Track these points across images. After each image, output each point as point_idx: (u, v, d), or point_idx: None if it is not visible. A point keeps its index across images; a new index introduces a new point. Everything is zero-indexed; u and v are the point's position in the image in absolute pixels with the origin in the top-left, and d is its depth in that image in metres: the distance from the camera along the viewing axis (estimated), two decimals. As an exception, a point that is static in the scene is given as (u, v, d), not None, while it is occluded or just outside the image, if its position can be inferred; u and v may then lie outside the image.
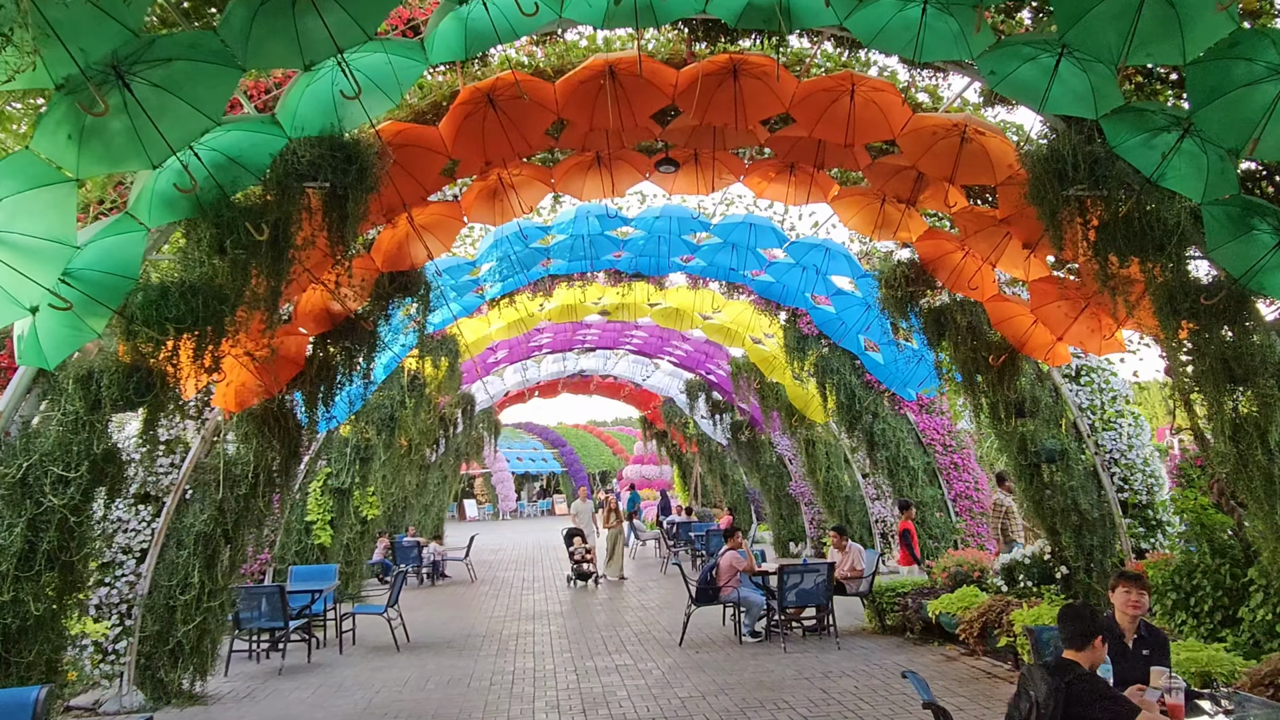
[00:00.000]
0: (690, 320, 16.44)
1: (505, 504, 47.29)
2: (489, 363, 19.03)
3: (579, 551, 16.55)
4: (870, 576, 10.51)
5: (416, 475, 19.93)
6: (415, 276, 9.08)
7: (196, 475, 8.48)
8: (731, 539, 10.57)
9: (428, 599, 15.42)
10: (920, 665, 8.63)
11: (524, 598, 15.06)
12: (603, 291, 14.55)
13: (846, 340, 12.96)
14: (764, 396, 17.15)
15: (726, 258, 11.75)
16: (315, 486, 12.50)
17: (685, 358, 19.98)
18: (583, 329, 18.48)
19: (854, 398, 13.39)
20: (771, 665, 8.87)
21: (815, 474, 16.94)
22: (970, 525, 13.32)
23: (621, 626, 11.65)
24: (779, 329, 14.65)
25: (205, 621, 8.16)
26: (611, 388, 27.62)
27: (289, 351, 8.32)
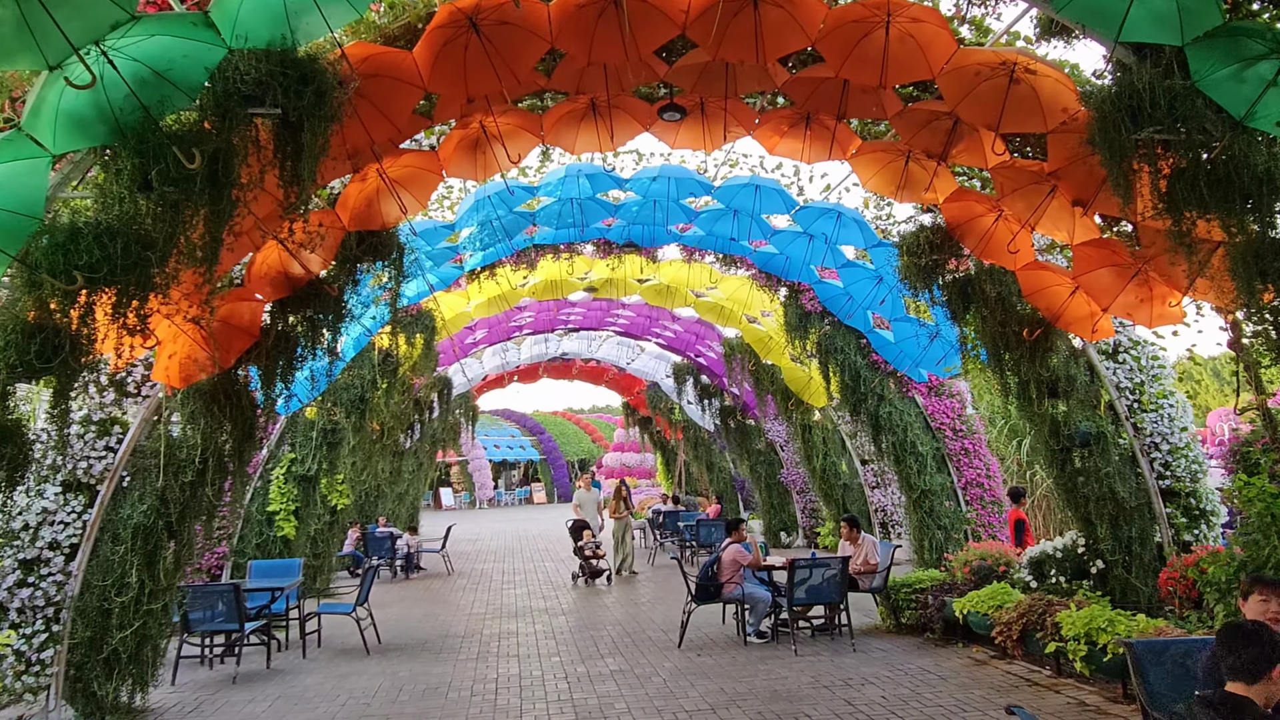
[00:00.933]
0: (682, 298, 15.52)
1: (482, 492, 46.28)
2: (467, 344, 18.01)
3: (589, 546, 14.93)
4: (885, 571, 9.68)
5: (389, 462, 18.88)
6: (387, 238, 8.08)
7: (135, 460, 7.46)
8: (735, 532, 9.69)
9: (401, 594, 14.44)
10: (948, 670, 7.80)
11: (505, 592, 14.12)
12: (590, 265, 13.59)
13: (854, 317, 12.10)
14: (758, 379, 16.30)
15: (727, 226, 10.83)
16: (278, 474, 11.48)
17: (674, 339, 19.08)
18: (566, 308, 17.51)
19: (859, 379, 12.55)
20: (784, 671, 8.01)
21: (812, 461, 16.13)
22: (982, 515, 12.54)
23: (613, 625, 10.75)
24: (778, 306, 13.78)
25: (146, 626, 7.17)
26: (594, 372, 26.67)
27: (241, 320, 7.31)
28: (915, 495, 12.51)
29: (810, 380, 15.53)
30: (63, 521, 7.12)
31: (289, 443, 11.83)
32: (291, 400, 8.50)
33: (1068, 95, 6.36)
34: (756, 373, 16.18)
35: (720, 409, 20.88)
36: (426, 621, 11.53)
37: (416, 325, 12.06)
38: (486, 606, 12.63)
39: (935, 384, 13.00)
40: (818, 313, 12.70)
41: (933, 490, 12.47)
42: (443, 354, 17.69)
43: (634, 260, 13.29)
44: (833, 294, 12.13)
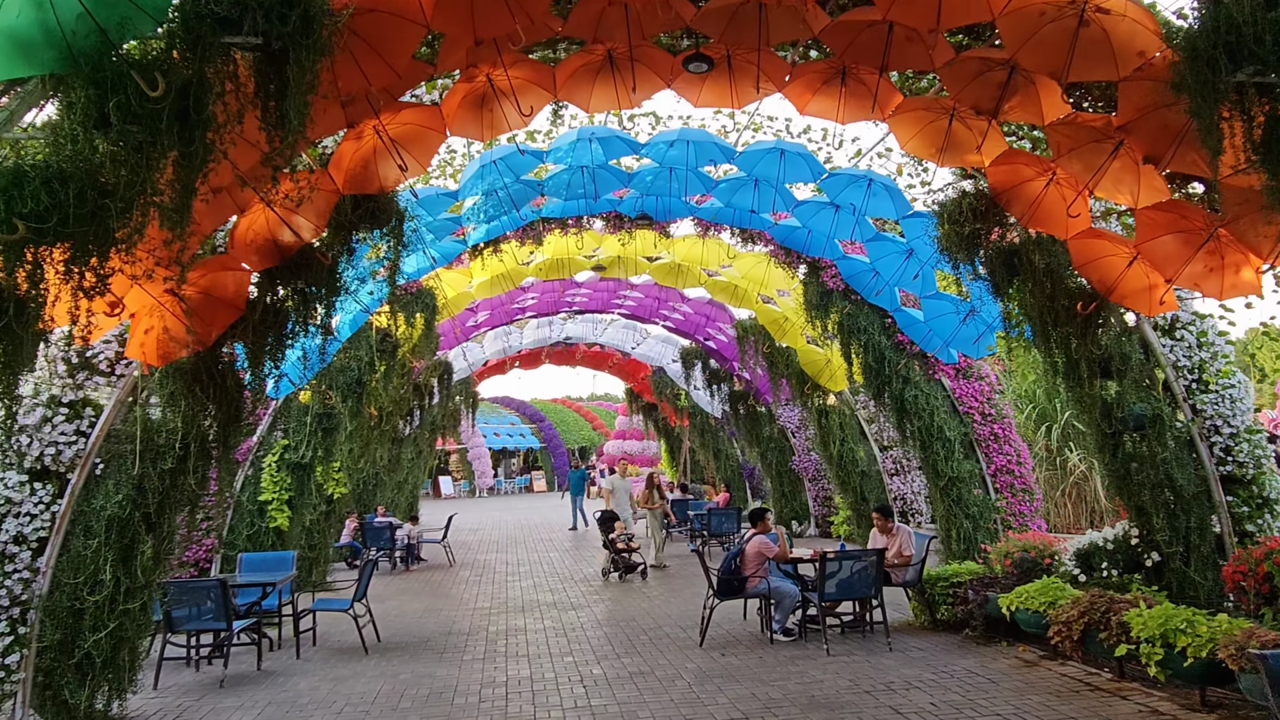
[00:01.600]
0: (694, 277, 14.84)
1: (482, 480, 45.70)
2: (468, 326, 17.34)
3: (622, 538, 13.91)
4: (920, 564, 9.05)
5: (388, 449, 18.25)
6: (386, 203, 7.41)
7: (110, 446, 6.80)
8: (760, 522, 9.05)
9: (402, 587, 13.82)
10: (996, 672, 7.18)
11: (510, 585, 13.50)
12: (599, 241, 12.91)
13: (880, 295, 11.43)
14: (772, 362, 15.65)
15: (748, 196, 10.15)
16: (270, 461, 10.83)
17: (683, 322, 18.41)
18: (572, 289, 16.82)
19: (883, 361, 11.89)
20: (817, 673, 7.38)
21: (828, 447, 15.49)
22: (1012, 503, 11.91)
23: (627, 621, 10.13)
24: (797, 285, 13.11)
25: (122, 627, 6.52)
26: (598, 357, 26.01)
27: (225, 292, 6.65)
28: (942, 483, 11.86)
29: (828, 363, 14.89)
30: (29, 513, 6.46)
31: (282, 428, 11.18)
32: (282, 381, 7.86)
33: (1145, 37, 5.69)
34: (770, 356, 15.53)
35: (730, 394, 20.23)
36: (428, 617, 10.91)
37: (417, 304, 11.39)
38: (491, 600, 12.01)
39: (963, 366, 12.35)
40: (840, 291, 12.04)
41: (960, 477, 11.82)
42: (443, 337, 17.02)
43: (645, 236, 12.60)
44: (857, 270, 11.46)
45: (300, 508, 11.07)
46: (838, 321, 12.17)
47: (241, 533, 10.64)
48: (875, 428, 15.65)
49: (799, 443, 19.59)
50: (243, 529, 10.66)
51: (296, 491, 10.92)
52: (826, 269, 12.01)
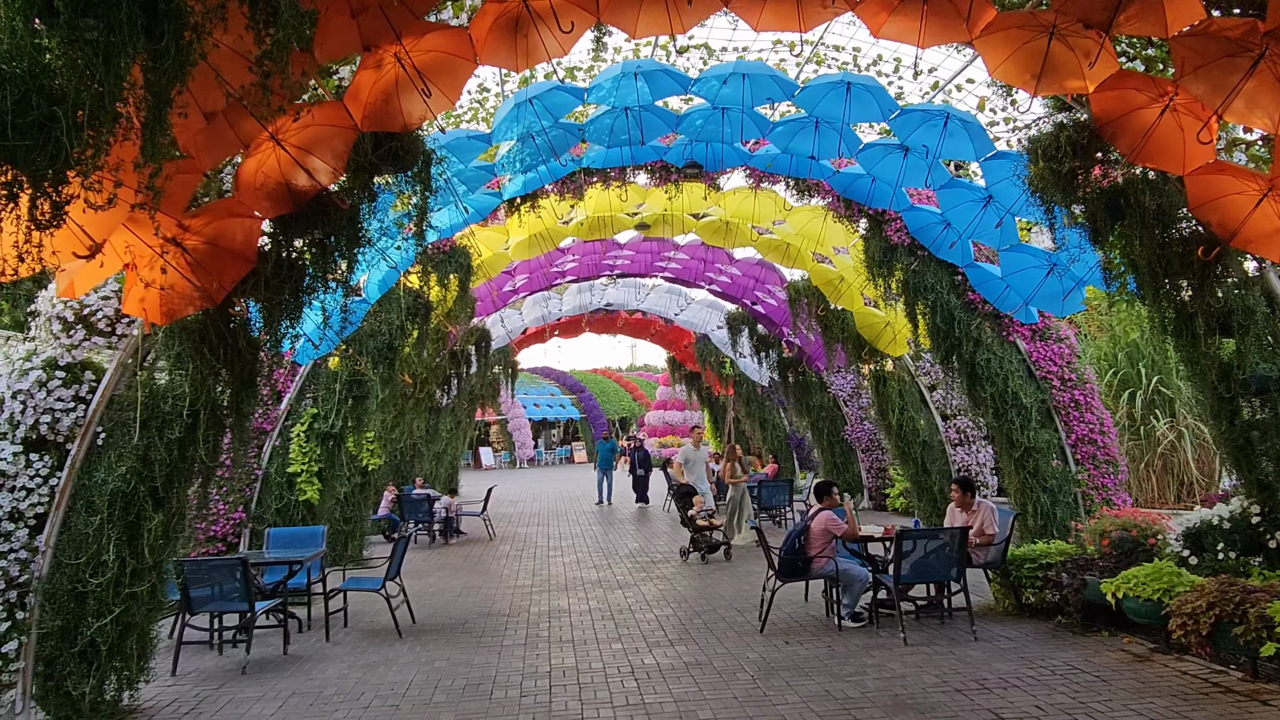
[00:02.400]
0: (743, 236, 13.94)
1: (523, 452, 45.38)
2: (505, 291, 16.64)
3: (703, 515, 12.62)
4: (1004, 543, 8.18)
5: (425, 419, 17.70)
6: (410, 143, 6.65)
7: (112, 413, 6.17)
8: (826, 497, 8.23)
9: (440, 561, 13.26)
10: (1104, 668, 6.33)
11: (552, 561, 12.86)
12: (644, 196, 12.06)
13: (952, 249, 10.45)
14: (826, 326, 14.71)
15: (807, 140, 9.22)
16: (299, 431, 10.24)
17: (729, 285, 17.51)
18: (614, 250, 16.02)
19: (952, 322, 10.92)
20: (897, 666, 6.59)
21: (887, 416, 14.55)
22: (1094, 476, 10.94)
23: (677, 602, 9.41)
24: (857, 241, 12.17)
25: (128, 612, 5.93)
26: (640, 325, 25.24)
27: (233, 241, 5.94)
28: (1017, 454, 10.91)
29: (886, 326, 13.93)
30: (25, 487, 5.87)
31: (311, 396, 10.57)
32: (301, 344, 7.18)
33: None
34: (825, 319, 14.60)
35: (778, 361, 19.34)
36: (466, 595, 10.29)
37: (450, 263, 10.68)
38: (532, 578, 11.37)
39: (1040, 327, 11.34)
40: (905, 246, 11.08)
41: (1037, 448, 10.86)
42: (480, 302, 16.34)
43: (693, 190, 11.73)
44: (926, 222, 10.49)
45: (331, 480, 10.47)
46: (902, 280, 11.23)
47: (270, 506, 10.08)
48: (937, 395, 14.70)
49: (851, 411, 18.68)
50: (271, 502, 10.09)
51: (327, 463, 10.32)
52: (891, 222, 11.05)
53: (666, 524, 17.23)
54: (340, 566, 11.01)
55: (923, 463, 14.40)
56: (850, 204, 11.14)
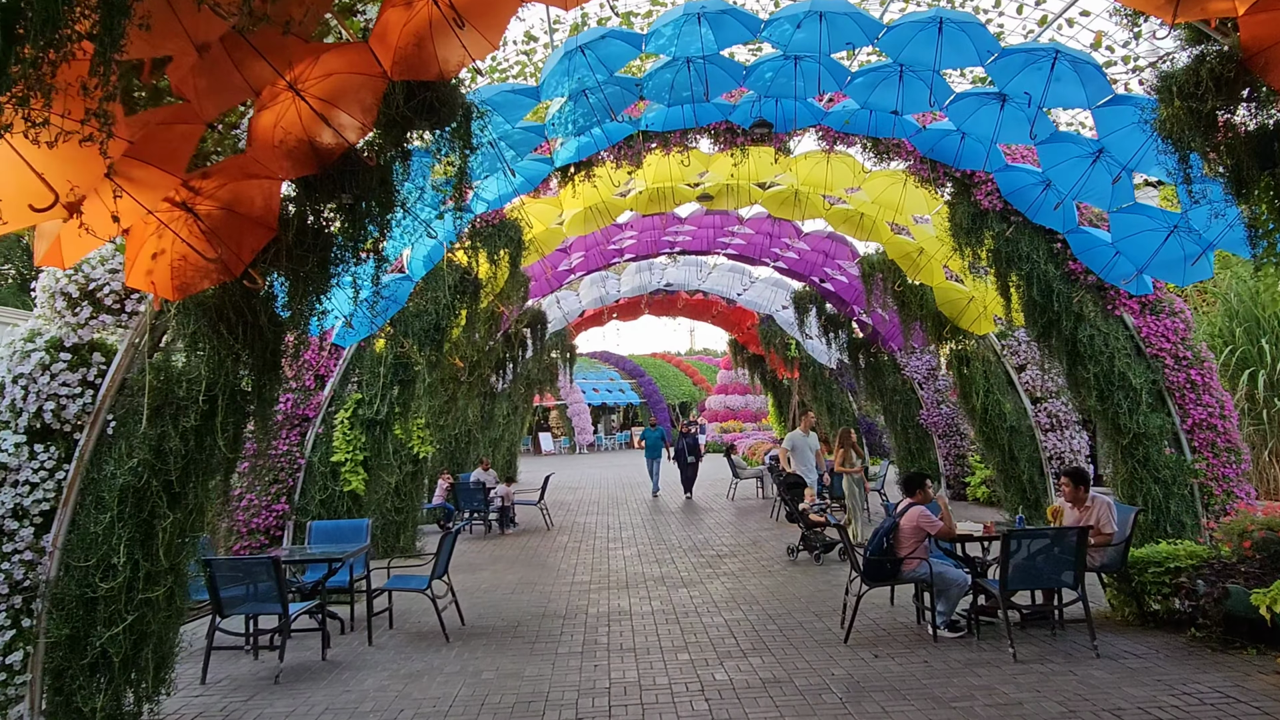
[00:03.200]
0: (813, 207, 12.98)
1: (582, 437, 44.93)
2: (561, 270, 15.93)
3: (815, 509, 11.07)
4: (1124, 543, 7.16)
5: (479, 405, 17.16)
6: (447, 95, 5.90)
7: (123, 399, 5.59)
8: (919, 490, 7.32)
9: (494, 554, 12.65)
10: (1259, 694, 5.34)
11: (611, 554, 12.15)
12: (707, 163, 11.19)
13: (1057, 209, 9.37)
14: (904, 303, 13.67)
15: (890, 92, 8.25)
16: (343, 418, 9.68)
17: (796, 261, 16.53)
18: (674, 225, 15.18)
19: (1051, 295, 9.86)
20: (1010, 689, 5.68)
21: (970, 399, 13.49)
22: (1214, 465, 9.78)
23: (748, 604, 8.60)
24: (940, 208, 11.14)
25: (143, 620, 5.36)
26: (700, 306, 24.37)
27: (251, 206, 5.30)
28: (1125, 441, 9.81)
29: (970, 302, 12.86)
30: (29, 482, 5.32)
31: (355, 381, 9.99)
32: (328, 319, 6.52)
33: None
34: (902, 295, 13.57)
35: (848, 342, 18.30)
36: (521, 592, 9.63)
37: (499, 238, 9.97)
38: (591, 573, 10.67)
39: (1150, 299, 10.18)
40: (996, 211, 10.03)
41: (1148, 434, 9.75)
42: (535, 282, 15.66)
43: (760, 157, 10.82)
44: (1023, 183, 9.42)
45: (377, 469, 9.90)
46: (992, 249, 10.19)
47: (314, 497, 9.55)
48: (1026, 376, 13.56)
49: (927, 395, 17.57)
50: (315, 493, 9.56)
51: (373, 452, 9.74)
52: (981, 185, 10.00)
53: (730, 514, 16.41)
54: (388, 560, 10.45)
55: (1010, 450, 13.33)
56: (935, 166, 10.13)
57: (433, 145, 6.17)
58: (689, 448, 19.82)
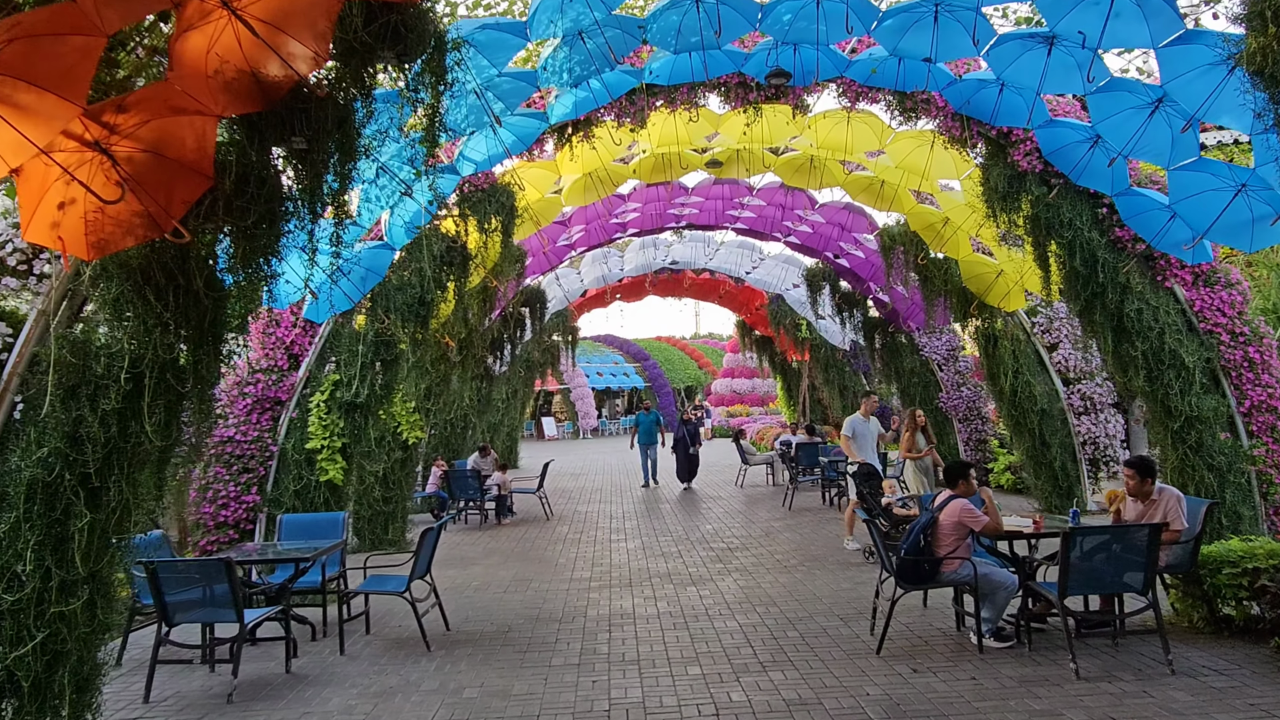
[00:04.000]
0: (830, 175, 12.09)
1: (586, 422, 44.16)
2: (561, 246, 15.05)
3: (900, 502, 9.19)
4: (1193, 540, 6.31)
5: (475, 388, 16.33)
6: (415, 19, 5.05)
7: (33, 378, 4.76)
8: (961, 481, 6.46)
9: (489, 546, 11.85)
10: (1379, 725, 4.50)
11: (614, 547, 11.34)
12: (716, 123, 10.29)
13: (1110, 167, 8.47)
14: (927, 278, 12.80)
15: (923, 36, 7.36)
16: (318, 401, 8.85)
17: (810, 236, 15.62)
18: (680, 197, 14.28)
19: (1094, 264, 8.97)
20: (1079, 715, 4.84)
21: (998, 380, 12.62)
22: (1275, 451, 8.92)
23: (764, 605, 7.78)
24: (971, 171, 10.24)
25: (56, 637, 4.54)
26: (706, 286, 23.47)
27: (182, 150, 4.46)
28: (1176, 425, 8.93)
29: (998, 276, 11.98)
30: (-81, 475, 4.49)
31: (333, 361, 9.15)
32: (279, 284, 5.68)
33: None
34: (925, 270, 12.68)
35: (863, 322, 17.43)
36: (514, 591, 8.83)
37: (490, 203, 9.10)
38: (592, 569, 9.86)
39: (1204, 269, 9.28)
40: (1036, 173, 9.13)
41: (1201, 417, 8.88)
42: (533, 258, 14.81)
43: (775, 117, 9.93)
44: (1068, 141, 8.53)
45: (358, 457, 9.07)
46: (1029, 216, 9.29)
47: (288, 488, 8.73)
48: (1058, 356, 12.68)
49: (947, 377, 16.69)
50: (289, 483, 8.74)
51: (352, 438, 8.91)
52: (1019, 144, 9.10)
53: (740, 503, 15.59)
54: (366, 558, 9.67)
55: (1040, 434, 12.47)
56: (968, 124, 9.23)
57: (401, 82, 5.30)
58: (690, 436, 18.45)
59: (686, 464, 18.33)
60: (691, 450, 18.26)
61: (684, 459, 18.33)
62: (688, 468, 18.36)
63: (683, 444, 18.33)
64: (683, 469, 18.40)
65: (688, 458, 18.30)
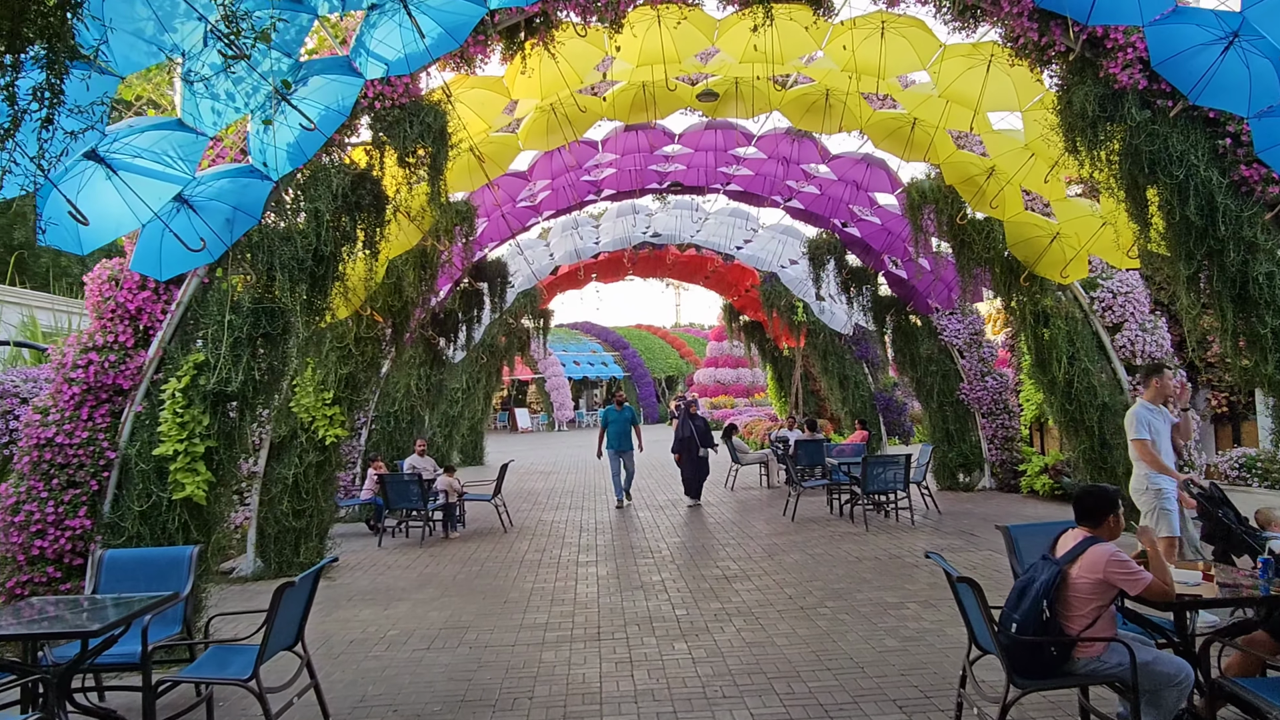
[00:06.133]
0: (851, 114, 9.84)
1: (562, 413, 41.84)
2: (523, 207, 12.73)
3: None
4: None
5: (420, 375, 13.98)
6: None
7: None
8: (1107, 515, 4.19)
9: (426, 571, 9.55)
10: None
11: (582, 572, 9.08)
12: (713, 33, 8.00)
13: (1232, 88, 6.30)
14: (965, 243, 10.58)
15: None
16: (173, 390, 6.49)
17: (815, 199, 13.40)
18: (664, 147, 11.98)
19: (1213, 213, 6.78)
20: None
21: (1050, 368, 10.43)
22: None
23: (787, 681, 5.55)
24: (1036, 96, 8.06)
25: None
26: (692, 264, 21.25)
27: None
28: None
29: (1053, 240, 9.80)
30: None
31: (201, 337, 6.76)
32: None
33: None
34: (964, 233, 10.47)
35: (872, 300, 15.21)
36: (444, 645, 6.54)
37: (411, 124, 6.75)
38: (550, 608, 7.58)
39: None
40: (1138, 91, 6.92)
41: (1346, 415, 6.76)
42: (488, 221, 12.48)
43: (789, 25, 7.67)
44: (1190, 43, 6.35)
45: (229, 464, 6.71)
46: (1124, 150, 7.08)
47: (132, 508, 6.38)
48: (1122, 339, 10.51)
49: (969, 364, 14.53)
50: (133, 502, 6.39)
51: (222, 440, 6.55)
52: (1117, 52, 6.88)
53: (731, 510, 13.35)
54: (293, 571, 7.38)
55: (1101, 433, 10.29)
56: (1047, 25, 7.00)
57: None
58: (698, 434, 13.77)
59: (694, 472, 13.83)
60: (701, 453, 13.80)
61: (691, 466, 13.84)
62: (696, 477, 13.87)
63: (689, 445, 13.86)
64: (690, 479, 13.90)
65: (695, 464, 13.81)
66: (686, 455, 13.82)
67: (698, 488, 13.91)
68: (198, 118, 5.02)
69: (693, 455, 13.79)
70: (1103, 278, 10.65)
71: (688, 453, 13.82)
